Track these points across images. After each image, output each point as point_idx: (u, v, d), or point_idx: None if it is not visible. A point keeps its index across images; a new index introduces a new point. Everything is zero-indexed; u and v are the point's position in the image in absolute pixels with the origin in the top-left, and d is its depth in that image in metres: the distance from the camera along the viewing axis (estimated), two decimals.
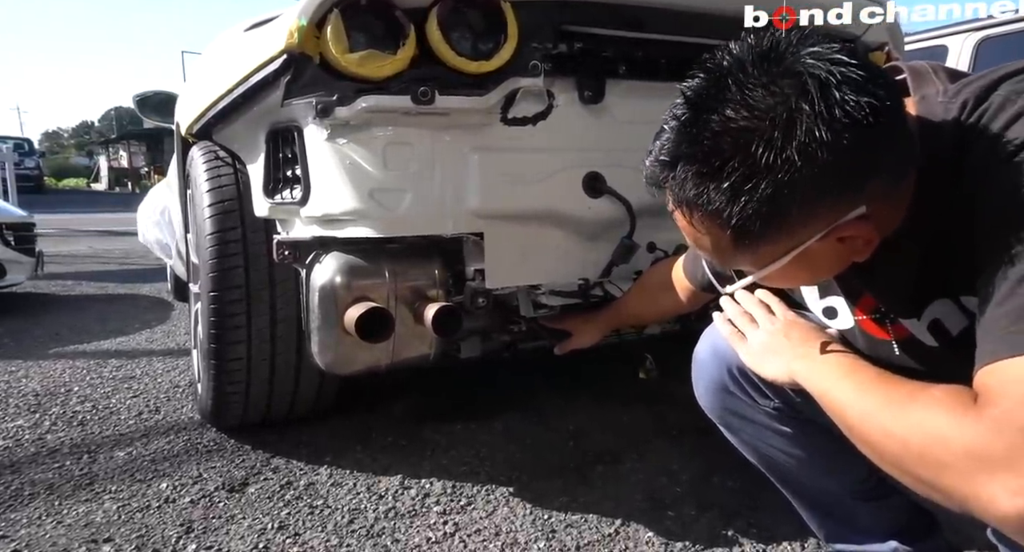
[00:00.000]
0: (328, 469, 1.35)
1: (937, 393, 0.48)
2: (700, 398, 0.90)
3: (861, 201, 0.50)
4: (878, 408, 0.51)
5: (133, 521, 1.14)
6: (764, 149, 0.47)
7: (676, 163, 0.52)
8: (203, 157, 1.41)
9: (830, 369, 0.59)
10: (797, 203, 0.48)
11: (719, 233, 0.53)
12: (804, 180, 0.47)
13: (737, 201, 0.49)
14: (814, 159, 0.46)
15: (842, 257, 0.56)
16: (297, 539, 1.09)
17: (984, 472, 0.42)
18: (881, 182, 0.50)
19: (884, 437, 0.50)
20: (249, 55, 1.15)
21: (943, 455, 0.44)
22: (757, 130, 0.47)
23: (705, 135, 0.50)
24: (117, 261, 5.32)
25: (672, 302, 1.10)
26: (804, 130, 0.46)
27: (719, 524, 1.14)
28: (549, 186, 1.15)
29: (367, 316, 1.09)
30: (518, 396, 1.75)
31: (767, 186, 0.48)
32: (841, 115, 0.46)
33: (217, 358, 1.32)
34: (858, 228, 0.52)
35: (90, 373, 2.04)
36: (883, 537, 0.88)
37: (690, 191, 0.51)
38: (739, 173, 0.48)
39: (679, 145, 0.52)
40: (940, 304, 0.59)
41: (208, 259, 1.29)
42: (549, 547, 1.07)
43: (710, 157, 0.49)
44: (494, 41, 1.07)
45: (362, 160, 1.07)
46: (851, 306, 0.69)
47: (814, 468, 0.86)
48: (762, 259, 0.55)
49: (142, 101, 2.57)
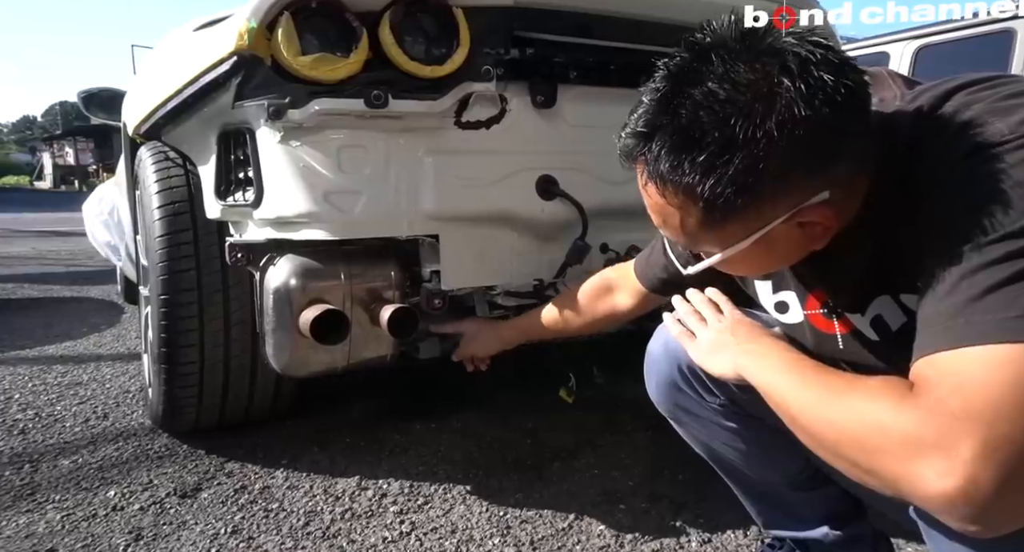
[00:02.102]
0: (284, 472, 1.34)
1: (873, 383, 0.50)
2: (652, 394, 0.93)
3: (826, 184, 0.52)
4: (817, 399, 0.53)
5: (78, 530, 1.12)
6: (744, 123, 0.48)
7: (653, 134, 0.52)
8: (152, 158, 1.38)
9: (772, 363, 0.61)
10: (769, 180, 0.50)
11: (690, 209, 0.54)
12: (778, 156, 0.48)
13: (711, 175, 0.50)
14: (790, 135, 0.48)
15: (801, 244, 0.58)
16: (251, 543, 1.09)
17: (917, 456, 0.44)
18: (846, 167, 0.52)
19: (823, 425, 0.52)
20: (199, 55, 1.14)
21: (879, 441, 0.46)
22: (738, 103, 0.48)
23: (685, 106, 0.50)
24: (63, 263, 5.10)
25: (608, 309, 1.07)
26: (784, 105, 0.47)
27: (668, 515, 1.19)
28: (503, 189, 1.18)
29: (322, 318, 1.09)
30: (477, 395, 1.76)
31: (743, 160, 0.48)
32: (819, 93, 0.47)
33: (169, 362, 1.30)
34: (819, 213, 0.53)
35: (33, 379, 1.96)
36: (816, 523, 0.94)
37: (664, 164, 0.52)
38: (716, 146, 0.49)
39: (658, 116, 0.52)
40: (882, 300, 0.61)
41: (158, 261, 1.27)
42: (504, 542, 1.09)
43: (689, 129, 0.50)
44: (447, 46, 1.08)
45: (316, 163, 1.08)
46: (802, 300, 0.72)
47: (756, 461, 0.90)
48: (727, 239, 0.56)
49: (88, 98, 2.49)
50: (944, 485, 0.42)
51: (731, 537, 1.12)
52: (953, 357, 0.45)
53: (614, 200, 1.28)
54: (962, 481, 0.41)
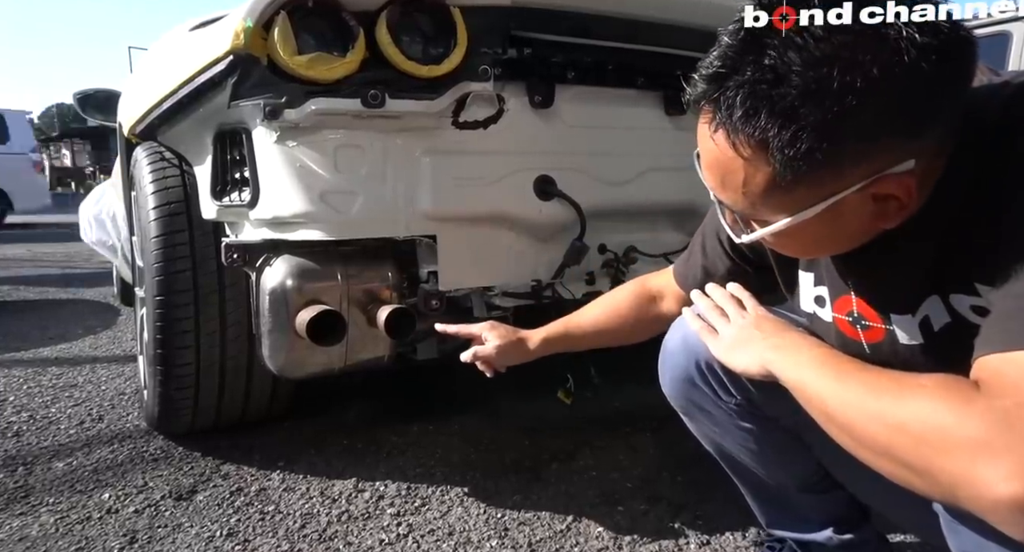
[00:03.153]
0: (280, 474, 1.33)
1: (930, 382, 0.47)
2: (665, 387, 0.89)
3: (913, 152, 0.47)
4: (864, 396, 0.49)
5: (72, 533, 1.11)
6: (842, 64, 0.42)
7: (731, 75, 0.46)
8: (148, 158, 1.37)
9: (805, 359, 0.57)
10: (856, 135, 0.44)
11: (759, 163, 0.48)
12: (873, 108, 0.43)
13: (792, 124, 0.44)
14: (892, 85, 0.43)
15: (871, 221, 0.52)
16: (247, 545, 1.08)
17: (983, 459, 0.41)
18: (937, 136, 0.47)
19: (869, 424, 0.48)
20: (195, 55, 1.13)
21: (942, 442, 0.43)
22: (836, 43, 0.43)
23: (774, 45, 0.44)
24: (59, 265, 5.09)
25: (656, 314, 0.96)
26: (892, 48, 0.42)
27: (667, 517, 1.18)
28: (500, 189, 1.17)
29: (319, 319, 1.09)
30: (474, 397, 1.76)
31: (831, 108, 0.43)
32: (932, 40, 0.43)
33: (164, 364, 1.29)
34: (900, 185, 0.48)
35: (27, 382, 1.95)
36: (820, 526, 0.93)
37: (739, 110, 0.46)
38: (804, 89, 0.43)
39: (740, 55, 0.46)
40: (932, 300, 0.57)
41: (154, 262, 1.26)
42: (502, 545, 1.09)
43: (774, 69, 0.44)
44: (444, 45, 1.08)
45: (312, 162, 1.07)
46: (832, 301, 0.67)
47: (767, 462, 0.88)
48: (794, 204, 0.50)
49: (83, 99, 2.48)
50: (1010, 490, 0.39)
51: (730, 539, 1.11)
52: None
53: (612, 201, 1.28)
54: None
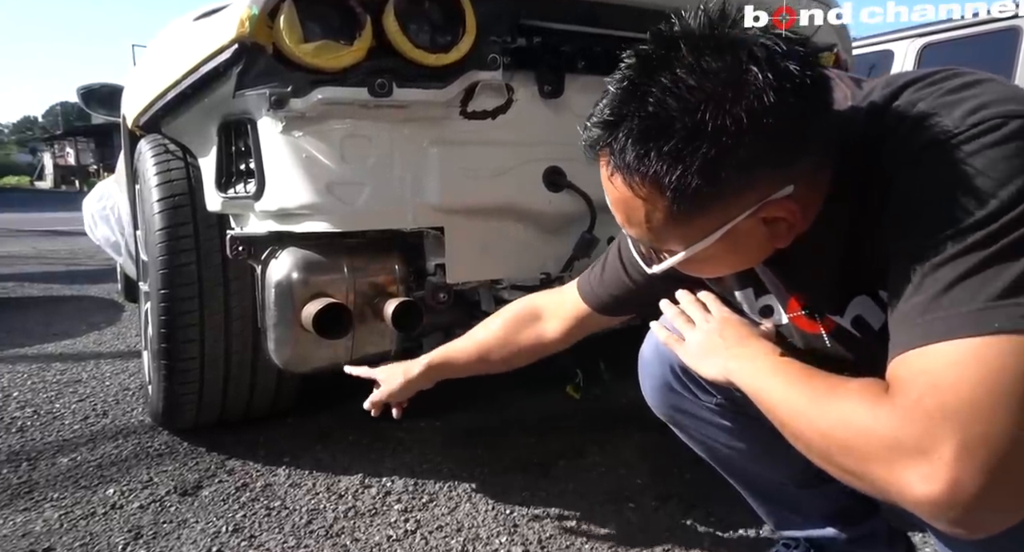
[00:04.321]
0: (286, 470, 1.32)
1: (853, 386, 0.49)
2: (647, 397, 0.91)
3: (791, 178, 0.51)
4: (804, 404, 0.52)
5: (76, 529, 1.09)
6: (713, 110, 0.47)
7: (620, 123, 0.51)
8: (152, 151, 1.36)
9: (760, 367, 0.60)
10: (736, 170, 0.49)
11: (656, 201, 0.52)
12: (746, 145, 0.48)
13: (680, 163, 0.49)
14: (759, 123, 0.47)
15: (766, 241, 0.57)
16: (253, 541, 1.06)
17: (900, 460, 0.43)
18: (810, 161, 0.52)
19: (810, 432, 0.51)
20: (199, 45, 1.12)
21: (863, 446, 0.45)
22: (706, 91, 0.48)
23: (653, 94, 0.49)
24: (63, 262, 5.08)
25: (532, 339, 0.95)
26: (753, 93, 0.47)
27: (678, 514, 1.16)
28: (509, 180, 1.15)
29: (325, 312, 1.07)
30: (482, 393, 1.74)
31: (710, 148, 0.48)
32: (786, 83, 0.47)
33: (168, 358, 1.28)
34: (784, 208, 0.53)
35: (32, 377, 1.94)
36: (827, 522, 0.91)
37: (631, 153, 0.50)
38: (684, 133, 0.48)
39: (625, 104, 0.51)
40: (861, 300, 0.60)
41: (158, 255, 1.25)
42: (511, 541, 1.07)
43: (657, 116, 0.49)
44: (452, 33, 1.06)
45: (318, 153, 1.05)
46: (783, 304, 0.70)
47: (757, 459, 0.88)
48: (693, 234, 0.55)
49: (87, 94, 2.47)
50: (929, 489, 0.41)
51: (743, 537, 1.09)
52: (924, 355, 0.44)
53: None
54: (945, 485, 0.41)
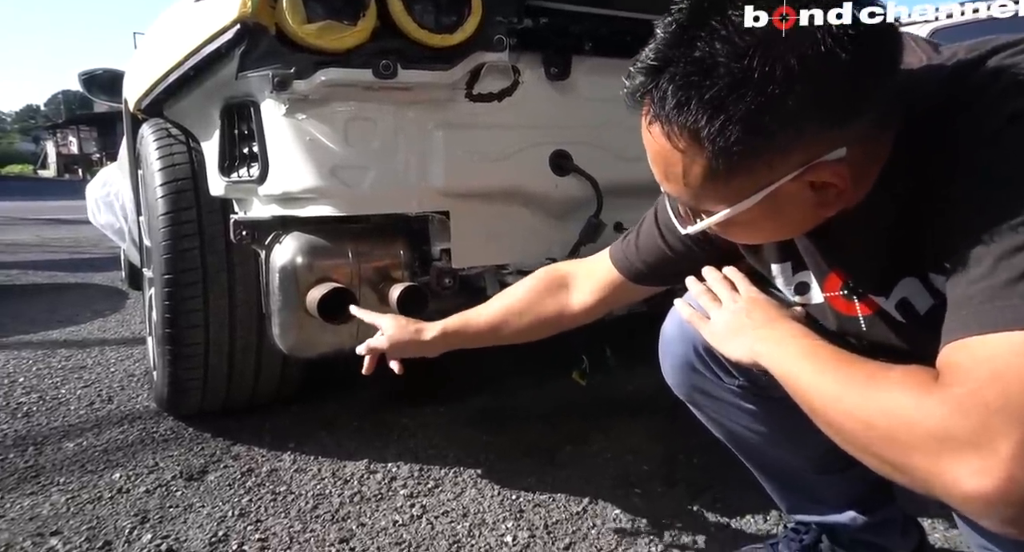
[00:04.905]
0: (292, 455, 1.32)
1: (897, 373, 0.46)
2: (667, 376, 0.89)
3: (844, 139, 0.48)
4: (840, 391, 0.49)
5: (83, 513, 1.10)
6: (762, 54, 0.44)
7: (664, 69, 0.48)
8: (154, 135, 1.35)
9: (791, 350, 0.57)
10: (782, 125, 0.46)
11: (695, 155, 0.49)
12: (795, 97, 0.44)
13: (721, 113, 0.45)
14: (812, 73, 0.44)
15: (812, 208, 0.53)
16: (259, 525, 1.06)
17: (949, 453, 0.40)
18: (868, 122, 0.48)
19: (847, 419, 0.48)
20: (200, 26, 1.10)
21: (908, 436, 0.43)
22: (756, 34, 0.44)
23: (701, 37, 0.45)
24: (67, 250, 5.09)
25: (557, 309, 0.90)
26: (808, 38, 0.43)
27: (685, 499, 1.16)
28: (515, 164, 1.14)
29: (330, 297, 1.06)
30: (487, 379, 1.74)
31: (755, 97, 0.44)
32: (849, 29, 0.43)
33: (173, 344, 1.27)
34: (835, 172, 0.49)
35: (37, 363, 1.94)
36: (841, 507, 0.90)
37: (671, 100, 0.47)
38: (729, 80, 0.44)
39: (671, 48, 0.47)
40: (909, 282, 0.57)
41: (161, 241, 1.24)
42: (517, 526, 1.07)
43: (702, 61, 0.45)
44: (458, 14, 1.04)
45: (322, 136, 1.04)
46: (820, 282, 0.67)
47: (777, 444, 0.87)
48: (733, 194, 0.52)
49: (89, 79, 2.45)
50: (980, 485, 0.39)
51: (750, 521, 1.09)
52: (988, 343, 0.41)
53: (630, 176, 1.24)
54: (999, 481, 0.38)
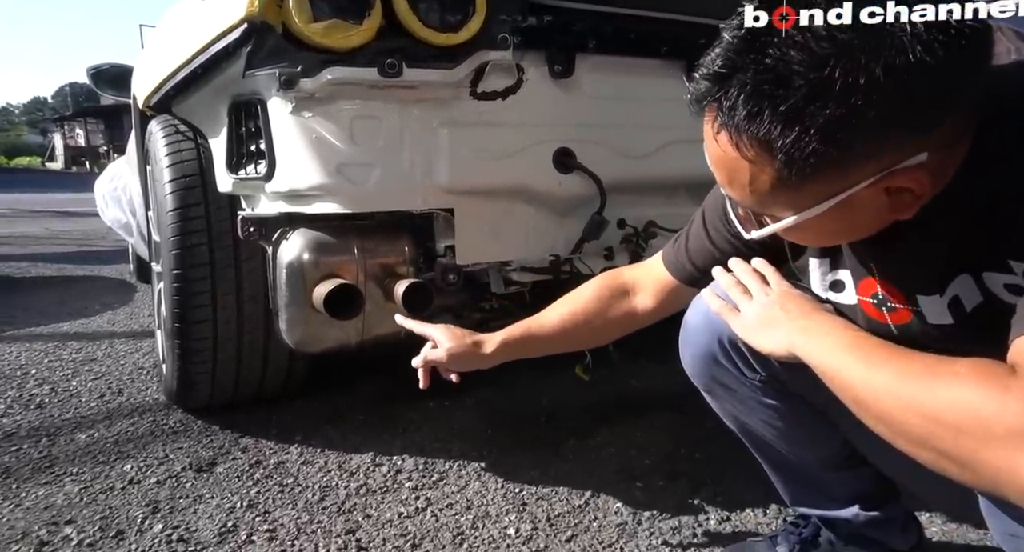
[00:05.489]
0: (299, 448, 1.34)
1: (963, 368, 0.45)
2: (687, 365, 0.87)
3: (926, 145, 0.45)
4: (896, 384, 0.48)
5: (96, 502, 1.12)
6: (845, 64, 0.41)
7: (732, 76, 0.45)
8: (162, 131, 1.36)
9: (834, 343, 0.55)
10: (863, 136, 0.43)
11: (764, 164, 0.47)
12: (879, 106, 0.42)
13: (796, 125, 0.43)
14: (898, 83, 0.41)
15: (885, 212, 0.51)
16: (267, 517, 1.09)
17: (1021, 449, 0.39)
18: (952, 127, 0.46)
19: (907, 414, 0.46)
20: (208, 24, 1.11)
21: (981, 430, 0.41)
22: (839, 41, 0.41)
23: (774, 43, 0.43)
24: (76, 242, 5.13)
25: (624, 313, 0.90)
26: (896, 45, 0.41)
27: (686, 493, 1.17)
28: (519, 161, 1.15)
29: (336, 293, 1.08)
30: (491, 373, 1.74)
31: (836, 109, 0.42)
32: (939, 34, 0.41)
33: (181, 338, 1.29)
34: (913, 178, 0.46)
35: (48, 356, 1.97)
36: (846, 503, 0.91)
37: (742, 110, 0.45)
38: (807, 90, 0.42)
39: (740, 54, 0.45)
40: (963, 279, 0.55)
41: (170, 236, 1.26)
42: (520, 519, 1.09)
43: (775, 70, 0.43)
44: (462, 12, 1.04)
45: (328, 134, 1.05)
46: (856, 283, 0.65)
47: (792, 439, 0.86)
48: (803, 201, 0.49)
49: (97, 74, 2.47)
50: None
51: (750, 515, 1.10)
52: None
53: (633, 174, 1.26)
54: None
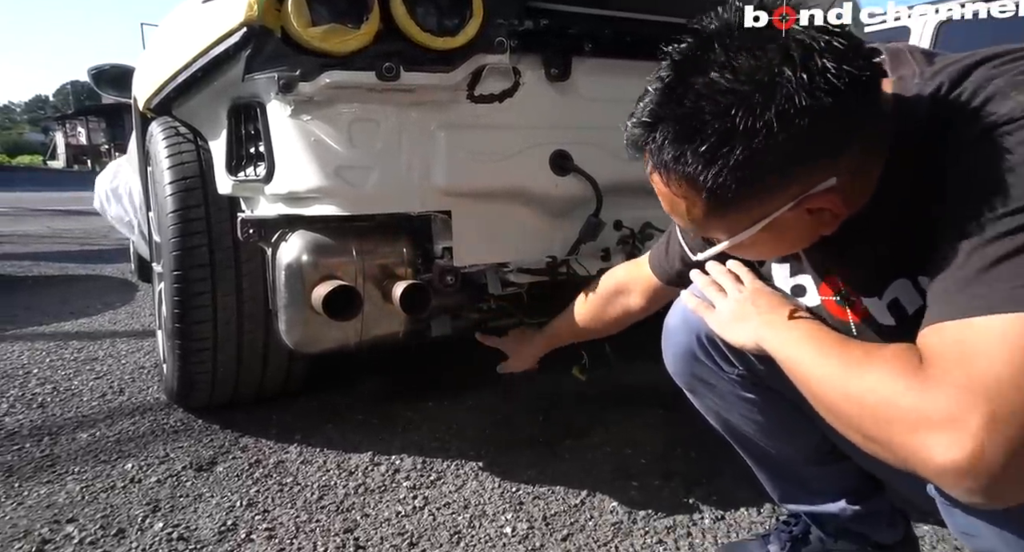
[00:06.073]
0: (298, 447, 1.35)
1: (887, 353, 0.50)
2: (669, 365, 0.91)
3: (832, 172, 0.51)
4: (836, 371, 0.53)
5: (97, 501, 1.14)
6: (744, 113, 0.48)
7: (657, 124, 0.53)
8: (163, 133, 1.37)
9: (793, 335, 0.60)
10: (771, 169, 0.50)
11: (694, 197, 0.54)
12: (780, 146, 0.48)
13: (713, 165, 0.50)
14: (791, 125, 0.47)
15: (811, 229, 0.57)
16: (266, 516, 1.10)
17: (925, 427, 0.44)
18: (853, 155, 0.52)
19: (839, 398, 0.52)
20: (208, 28, 1.12)
21: (890, 413, 0.46)
22: (739, 93, 0.48)
23: (688, 97, 0.50)
24: (77, 241, 5.15)
25: (620, 311, 1.06)
26: (784, 95, 0.47)
27: (681, 492, 1.19)
28: (516, 164, 1.16)
29: (335, 294, 1.09)
30: (489, 373, 1.76)
31: (743, 150, 0.48)
32: (821, 82, 0.47)
33: (182, 338, 1.31)
34: (827, 200, 0.53)
35: (50, 355, 1.99)
36: (832, 498, 0.93)
37: (668, 153, 0.52)
38: (717, 136, 0.49)
39: (661, 106, 0.52)
40: (902, 283, 0.61)
41: (171, 237, 1.27)
42: (517, 518, 1.10)
43: (691, 119, 0.50)
44: (459, 16, 1.06)
45: (327, 137, 1.06)
46: (817, 285, 0.71)
47: (772, 433, 0.89)
48: (734, 226, 0.56)
49: (98, 74, 2.48)
50: (952, 457, 0.42)
51: (744, 514, 1.12)
52: (961, 327, 0.45)
53: (629, 176, 1.26)
54: (969, 454, 0.42)
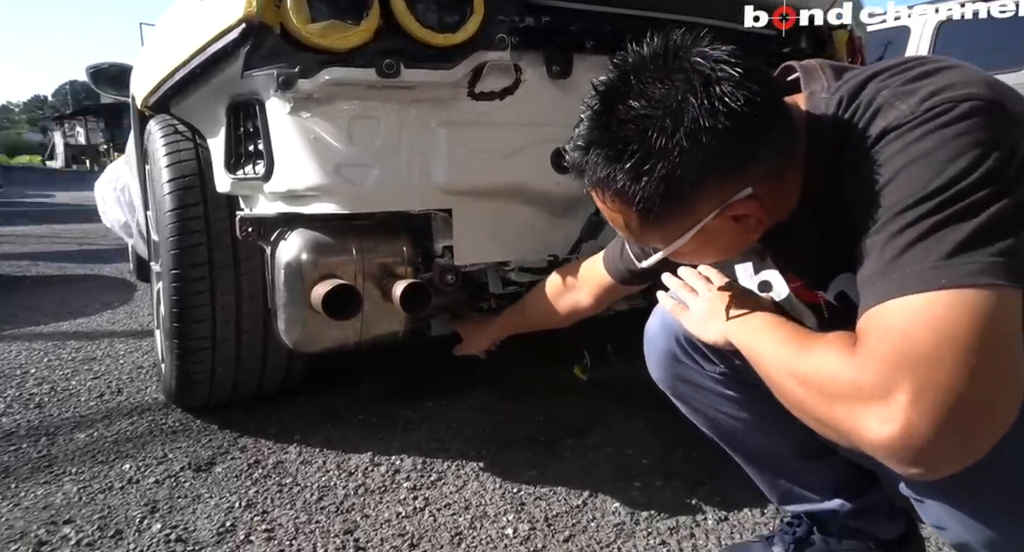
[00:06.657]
0: (297, 448, 1.34)
1: (829, 336, 0.55)
2: (652, 370, 0.94)
3: (746, 182, 0.58)
4: (786, 355, 0.58)
5: (95, 502, 1.13)
6: (658, 134, 0.54)
7: (589, 148, 0.59)
8: (161, 131, 1.36)
9: (755, 326, 0.66)
10: (689, 183, 0.56)
11: (628, 211, 0.60)
12: (693, 162, 0.55)
13: (639, 181, 0.56)
14: (699, 143, 0.54)
15: (740, 234, 0.63)
16: (265, 517, 1.09)
17: (860, 404, 0.48)
18: (762, 165, 0.58)
19: (790, 381, 0.57)
20: (206, 24, 1.11)
21: (832, 389, 0.51)
22: (653, 118, 0.55)
23: (612, 122, 0.57)
24: (76, 241, 5.14)
25: (569, 307, 1.14)
26: (690, 118, 0.54)
27: (683, 493, 1.18)
28: (517, 162, 1.15)
29: (334, 293, 1.08)
30: (489, 373, 1.76)
31: (662, 167, 0.55)
32: (720, 106, 0.53)
33: (180, 337, 1.30)
34: (749, 207, 0.59)
35: (48, 355, 1.98)
36: (828, 495, 0.92)
37: (600, 173, 0.58)
38: (639, 155, 0.55)
39: (591, 132, 0.59)
40: (845, 277, 0.66)
41: (169, 236, 1.26)
42: (518, 519, 1.09)
43: (615, 142, 0.57)
44: (460, 13, 1.05)
45: (326, 134, 1.05)
46: (784, 276, 0.78)
47: (759, 430, 0.89)
48: (669, 235, 0.62)
49: (96, 73, 2.47)
50: (885, 431, 0.46)
51: (747, 515, 1.11)
52: (882, 310, 0.50)
53: None
54: (900, 426, 0.45)
